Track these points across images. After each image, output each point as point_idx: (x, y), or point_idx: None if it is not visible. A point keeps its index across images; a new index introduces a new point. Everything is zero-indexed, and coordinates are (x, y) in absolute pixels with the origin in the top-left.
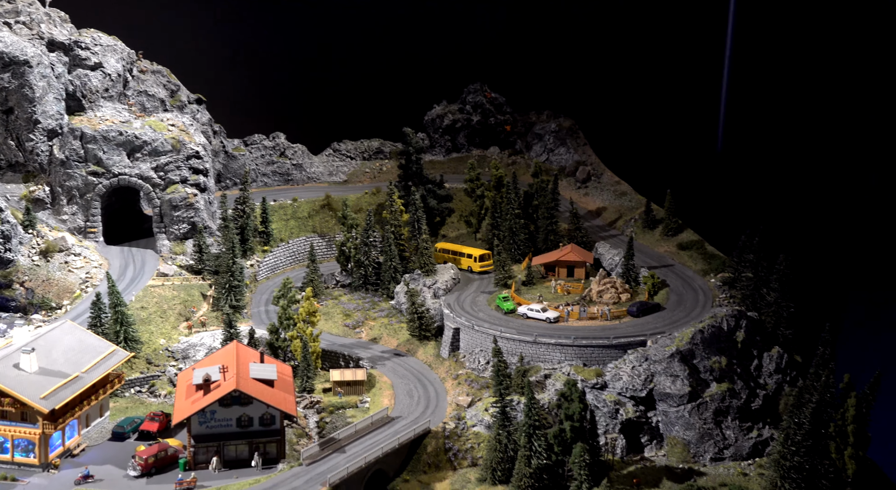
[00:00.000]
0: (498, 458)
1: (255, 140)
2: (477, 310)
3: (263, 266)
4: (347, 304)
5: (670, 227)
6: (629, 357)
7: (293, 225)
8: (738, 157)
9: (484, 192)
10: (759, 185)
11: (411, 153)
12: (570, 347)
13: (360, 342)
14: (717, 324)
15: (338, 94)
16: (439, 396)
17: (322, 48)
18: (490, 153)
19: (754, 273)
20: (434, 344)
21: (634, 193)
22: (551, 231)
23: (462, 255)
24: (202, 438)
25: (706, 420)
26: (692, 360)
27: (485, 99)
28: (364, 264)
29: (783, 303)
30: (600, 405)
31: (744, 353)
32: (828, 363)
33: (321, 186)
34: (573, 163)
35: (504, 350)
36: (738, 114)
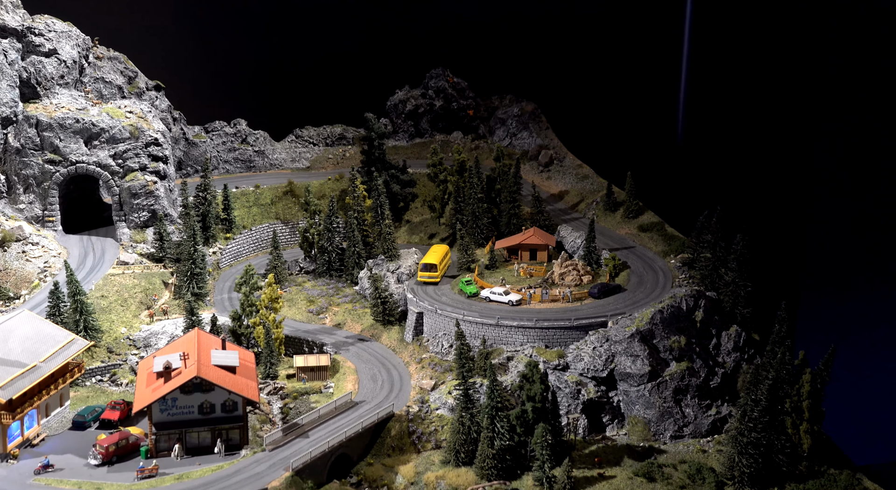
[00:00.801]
0: (461, 440)
1: (216, 127)
2: (440, 294)
3: (226, 253)
4: (311, 290)
5: (631, 209)
6: (590, 338)
7: (256, 212)
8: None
9: (447, 177)
10: (717, 168)
11: (374, 139)
12: (532, 329)
13: (324, 328)
14: (676, 304)
15: (299, 80)
16: (403, 380)
17: (283, 33)
18: (453, 138)
19: (712, 253)
20: (398, 328)
21: (596, 176)
22: (514, 215)
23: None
24: (163, 426)
25: (666, 399)
26: (652, 340)
27: (447, 84)
28: (327, 250)
29: (740, 282)
30: (562, 386)
31: (703, 332)
32: (784, 341)
33: (284, 173)
34: (536, 147)
35: (467, 333)
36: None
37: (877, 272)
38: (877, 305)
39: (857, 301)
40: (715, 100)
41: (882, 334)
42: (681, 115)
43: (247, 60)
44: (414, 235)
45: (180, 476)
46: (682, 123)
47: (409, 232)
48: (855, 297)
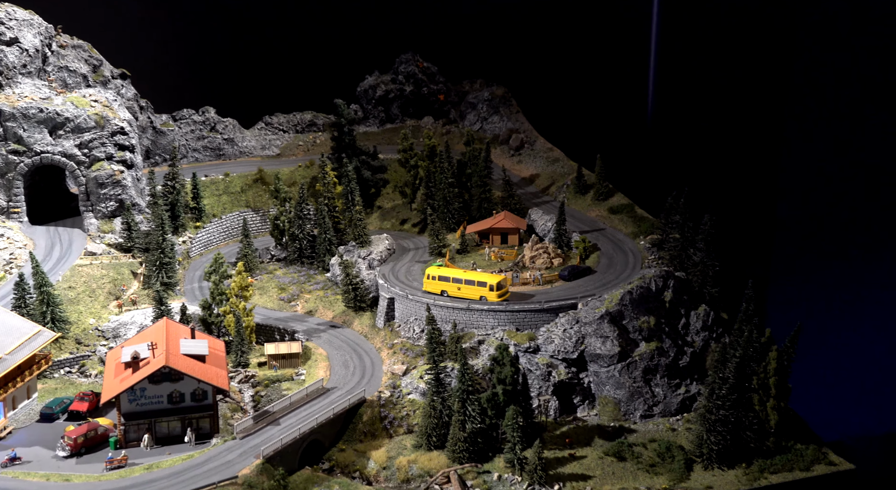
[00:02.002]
0: (433, 424)
1: (183, 115)
2: (411, 279)
3: (196, 242)
4: (282, 277)
5: (601, 191)
6: (561, 320)
7: (226, 200)
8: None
9: (418, 163)
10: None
11: (343, 125)
12: (503, 313)
13: (296, 315)
14: (645, 285)
15: (268, 66)
16: (375, 366)
17: (251, 19)
18: (424, 123)
19: (681, 234)
20: (369, 314)
21: (567, 159)
22: (485, 199)
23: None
24: (133, 416)
25: (636, 379)
26: (622, 320)
27: (417, 69)
28: (298, 238)
29: (709, 262)
30: (533, 368)
31: (672, 313)
32: (751, 319)
33: (254, 161)
34: (506, 131)
35: (438, 318)
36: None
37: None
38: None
39: (825, 278)
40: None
41: (848, 310)
42: (650, 97)
43: (215, 47)
44: (385, 221)
45: (150, 466)
46: (651, 106)
47: (380, 218)
48: (823, 275)
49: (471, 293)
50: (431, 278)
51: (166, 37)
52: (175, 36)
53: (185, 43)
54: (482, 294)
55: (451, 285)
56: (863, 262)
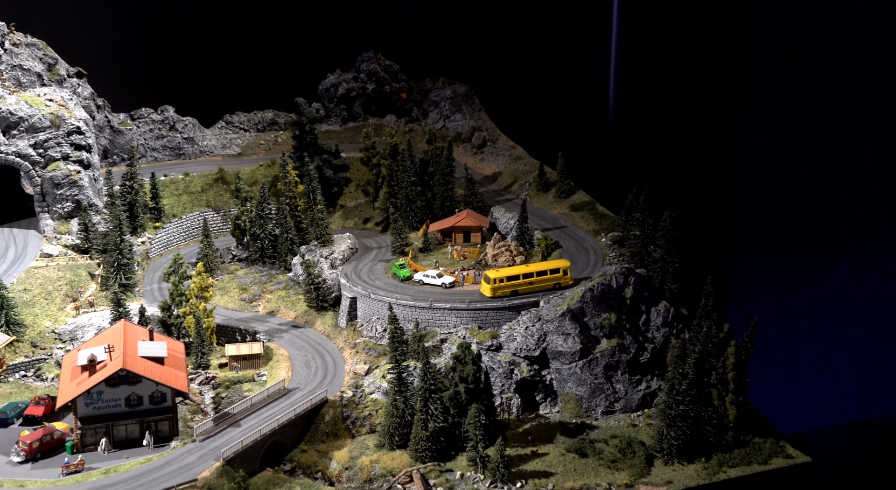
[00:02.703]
0: (395, 424)
1: (142, 114)
2: (374, 278)
3: (156, 243)
4: (244, 278)
5: (563, 189)
6: (522, 318)
7: (186, 200)
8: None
9: (380, 161)
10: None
11: (305, 124)
12: (465, 311)
13: (258, 316)
14: (606, 282)
15: (229, 64)
16: (337, 366)
17: (211, 16)
18: (387, 121)
19: (641, 231)
20: (332, 314)
21: (529, 157)
22: (447, 197)
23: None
24: (89, 420)
25: (597, 375)
26: (583, 318)
27: (379, 67)
28: (260, 237)
29: (668, 258)
30: (496, 366)
31: (632, 309)
32: (710, 315)
33: (214, 160)
34: (469, 129)
35: (400, 317)
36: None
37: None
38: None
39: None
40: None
41: (804, 304)
42: (611, 96)
43: (174, 45)
44: (348, 220)
45: (107, 470)
46: (612, 104)
47: (343, 217)
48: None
49: (545, 284)
50: (497, 281)
51: (123, 34)
52: (133, 34)
53: (143, 41)
54: (557, 281)
55: (521, 282)
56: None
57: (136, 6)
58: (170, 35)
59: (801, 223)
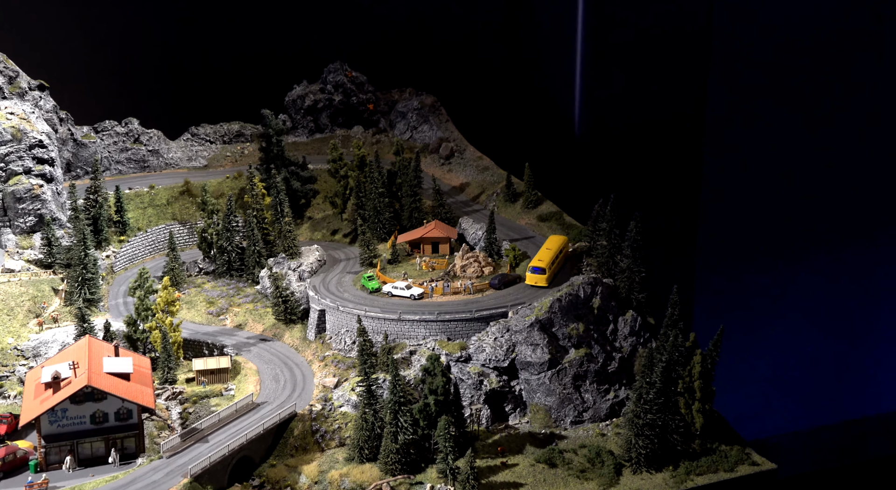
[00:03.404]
0: (365, 437)
1: (106, 126)
2: (342, 290)
3: (121, 257)
4: (211, 291)
5: (530, 199)
6: (491, 329)
7: (151, 213)
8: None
9: (347, 173)
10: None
11: (272, 135)
12: (434, 323)
13: (225, 329)
14: (574, 292)
15: (194, 76)
16: (306, 379)
17: (176, 28)
18: (354, 133)
19: (608, 241)
20: (300, 327)
21: (496, 168)
22: (415, 209)
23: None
24: (54, 438)
25: (566, 385)
26: (551, 328)
27: (346, 78)
28: (227, 250)
29: (635, 268)
30: (465, 378)
31: (600, 319)
32: (676, 324)
33: (180, 172)
34: (436, 140)
35: (369, 329)
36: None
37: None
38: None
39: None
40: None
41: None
42: (577, 107)
43: (138, 56)
44: (316, 232)
45: (72, 489)
46: (578, 115)
47: (311, 229)
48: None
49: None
50: (549, 267)
51: (86, 46)
52: (96, 45)
53: (106, 52)
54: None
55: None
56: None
57: (98, 17)
58: (134, 46)
59: (763, 233)
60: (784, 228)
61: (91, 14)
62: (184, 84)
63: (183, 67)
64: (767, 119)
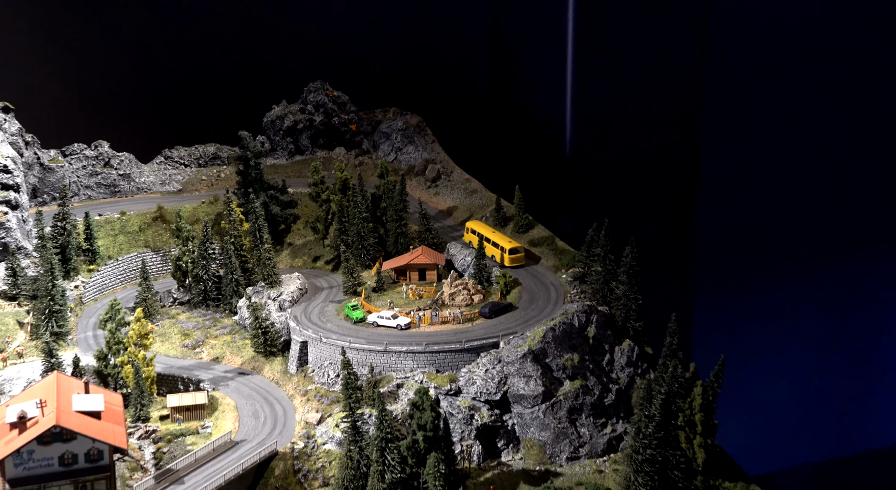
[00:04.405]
0: (350, 476)
1: (74, 150)
2: (325, 321)
3: (90, 287)
4: (186, 322)
5: (521, 224)
6: (482, 360)
7: (122, 241)
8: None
9: (329, 196)
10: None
11: (249, 158)
12: (422, 354)
13: (201, 363)
14: (568, 320)
15: (167, 96)
16: (287, 415)
17: (147, 47)
18: (336, 154)
19: (603, 267)
20: (281, 360)
21: (485, 191)
22: (401, 234)
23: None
24: (19, 482)
25: (561, 419)
26: (545, 358)
27: (327, 98)
28: (203, 279)
29: (631, 295)
30: (455, 412)
31: (596, 349)
32: (675, 353)
33: (153, 197)
34: (422, 161)
35: (354, 361)
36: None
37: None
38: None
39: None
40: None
41: (770, 342)
42: (568, 127)
43: (108, 76)
44: (297, 259)
45: None
46: (570, 136)
47: (291, 255)
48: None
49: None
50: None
51: (54, 66)
52: (63, 65)
53: (74, 72)
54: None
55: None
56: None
57: (66, 36)
58: (104, 65)
59: (764, 256)
60: (786, 252)
61: (59, 32)
62: (156, 105)
63: (155, 87)
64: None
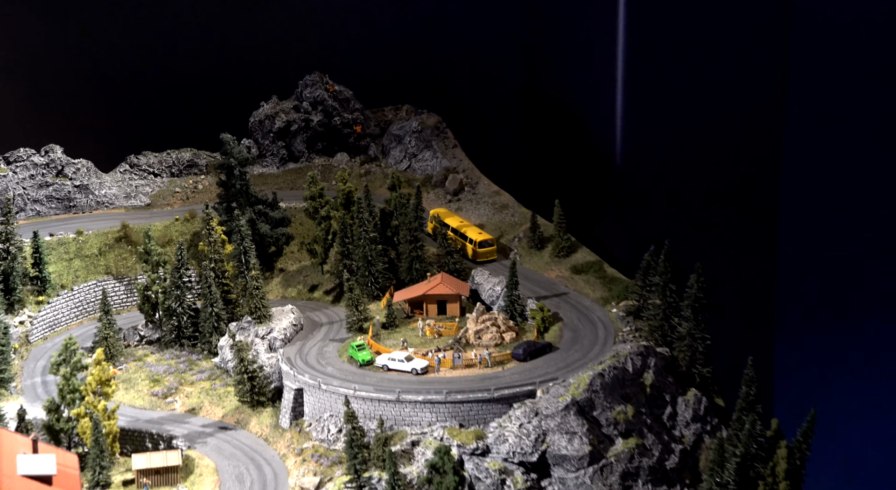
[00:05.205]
0: None
1: (20, 156)
2: (325, 363)
3: (39, 323)
4: (156, 366)
5: (561, 246)
6: (515, 413)
7: (79, 266)
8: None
9: (330, 213)
10: (665, 192)
11: (233, 166)
12: (443, 405)
13: (174, 415)
14: (620, 364)
15: (133, 91)
16: (279, 479)
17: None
18: (337, 162)
19: (662, 299)
20: (271, 411)
21: (518, 206)
22: (416, 258)
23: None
24: None
25: (612, 486)
26: (592, 411)
27: (326, 93)
28: (176, 313)
29: (697, 334)
30: (482, 476)
31: (654, 399)
32: (753, 406)
33: (116, 213)
34: (441, 170)
35: (360, 413)
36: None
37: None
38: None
39: (842, 353)
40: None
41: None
42: (619, 129)
43: (61, 67)
44: (290, 288)
45: None
46: (621, 139)
47: (283, 284)
48: (839, 349)
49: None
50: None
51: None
52: (5, 54)
53: (21, 63)
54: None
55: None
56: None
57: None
58: (54, 54)
59: (860, 292)
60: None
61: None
62: (120, 101)
63: (119, 79)
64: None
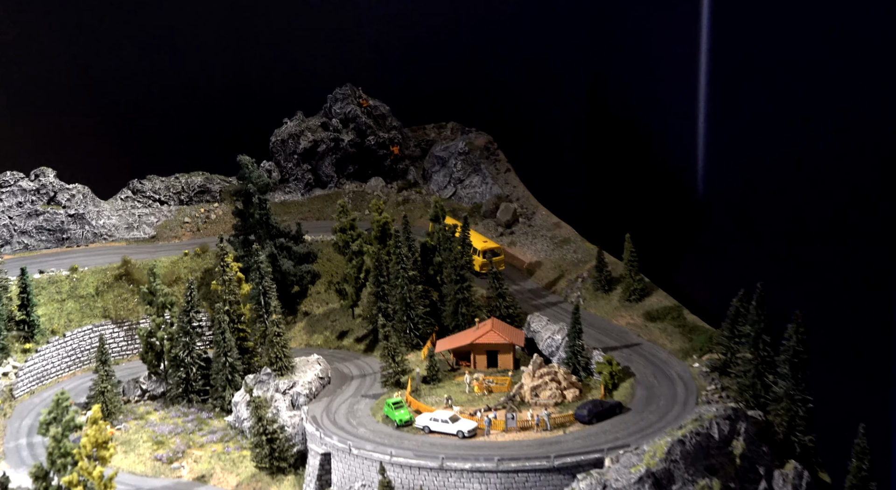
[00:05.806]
0: None
1: (6, 180)
2: (357, 423)
3: (25, 374)
4: (160, 425)
5: (633, 288)
6: (580, 484)
7: (72, 308)
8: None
9: (362, 247)
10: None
11: (251, 193)
12: (494, 474)
13: (181, 483)
14: (703, 430)
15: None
16: None
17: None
18: (371, 188)
19: (754, 353)
20: (293, 479)
21: (581, 241)
22: (462, 301)
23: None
24: None
25: None
26: (671, 485)
27: (360, 109)
28: (184, 363)
29: (797, 396)
30: None
31: (745, 473)
32: (866, 484)
33: (116, 247)
34: (492, 198)
35: (397, 483)
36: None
37: None
38: None
39: None
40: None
41: None
42: (701, 150)
43: (55, 80)
44: (316, 334)
45: None
46: (703, 163)
47: (307, 330)
48: None
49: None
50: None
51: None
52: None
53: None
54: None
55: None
56: None
57: None
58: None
59: None
60: None
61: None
62: (122, 119)
63: (121, 94)
64: None
